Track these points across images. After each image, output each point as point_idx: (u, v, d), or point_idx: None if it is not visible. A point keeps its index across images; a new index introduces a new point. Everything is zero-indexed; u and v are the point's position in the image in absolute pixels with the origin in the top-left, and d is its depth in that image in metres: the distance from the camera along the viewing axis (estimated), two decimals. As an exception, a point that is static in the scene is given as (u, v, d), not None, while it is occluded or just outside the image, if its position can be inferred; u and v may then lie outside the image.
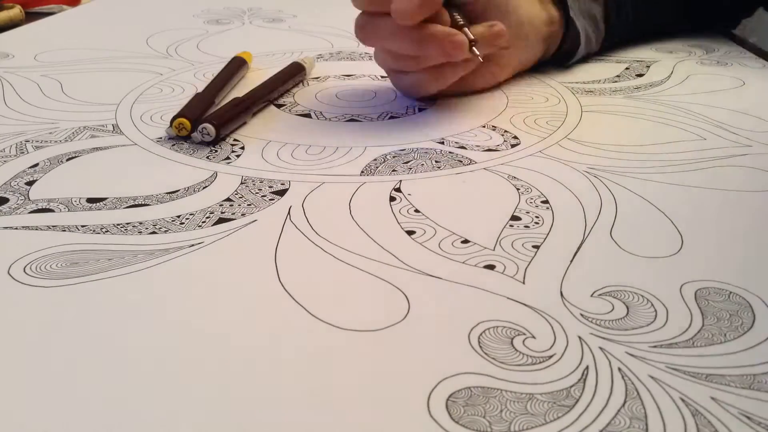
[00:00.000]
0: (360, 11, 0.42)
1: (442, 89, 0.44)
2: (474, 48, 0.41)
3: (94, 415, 0.20)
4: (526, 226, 0.30)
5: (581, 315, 0.24)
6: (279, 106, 0.46)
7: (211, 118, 0.39)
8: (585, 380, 0.21)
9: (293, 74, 0.50)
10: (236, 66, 0.51)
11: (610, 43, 0.57)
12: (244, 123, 0.42)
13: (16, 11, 0.69)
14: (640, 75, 0.52)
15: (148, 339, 0.23)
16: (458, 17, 0.42)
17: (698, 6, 0.62)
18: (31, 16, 0.72)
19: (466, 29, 0.41)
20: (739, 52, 0.59)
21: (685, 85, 0.50)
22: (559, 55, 0.53)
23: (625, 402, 0.21)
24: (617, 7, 0.55)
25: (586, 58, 0.55)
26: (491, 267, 0.27)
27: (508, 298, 0.25)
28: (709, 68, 0.54)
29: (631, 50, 0.59)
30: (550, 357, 0.22)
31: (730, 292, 0.26)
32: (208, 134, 0.38)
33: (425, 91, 0.45)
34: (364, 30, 0.42)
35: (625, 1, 0.56)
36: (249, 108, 0.43)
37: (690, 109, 0.45)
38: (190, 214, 0.31)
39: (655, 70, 0.53)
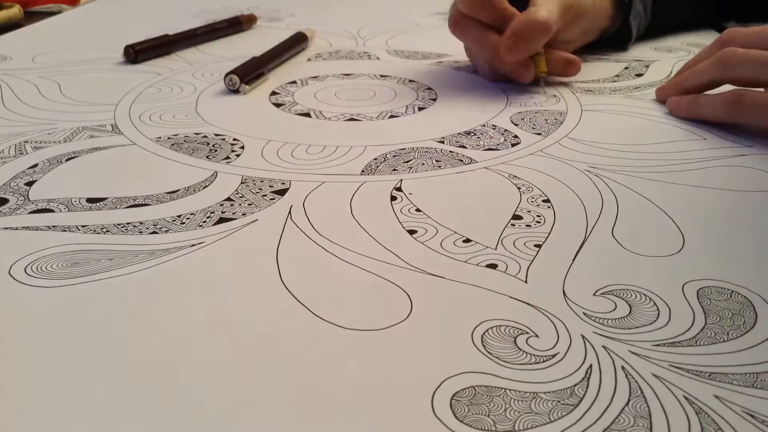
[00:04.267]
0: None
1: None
2: (543, 81, 0.49)
3: (96, 416, 0.20)
4: (528, 225, 0.30)
5: (584, 314, 0.24)
6: (278, 105, 0.46)
7: (234, 71, 0.49)
8: (589, 379, 0.21)
9: (299, 41, 0.60)
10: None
11: (654, 29, 0.62)
12: (262, 74, 0.51)
13: (15, 11, 0.69)
14: (640, 75, 0.52)
15: (149, 339, 0.23)
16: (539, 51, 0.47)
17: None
18: (30, 16, 0.72)
19: (541, 60, 0.47)
20: (738, 52, 0.59)
21: (684, 84, 0.50)
22: (611, 40, 0.58)
23: (629, 400, 0.20)
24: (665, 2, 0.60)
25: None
26: (493, 266, 0.27)
27: (510, 297, 0.25)
28: (708, 67, 0.54)
29: (630, 50, 0.59)
30: (554, 356, 0.22)
31: (732, 291, 0.26)
32: (233, 83, 0.48)
33: (482, 76, 0.52)
34: (457, 25, 0.48)
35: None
36: (264, 64, 0.52)
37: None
38: (191, 214, 0.31)
39: (654, 70, 0.53)
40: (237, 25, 0.66)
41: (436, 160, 0.37)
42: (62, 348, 0.22)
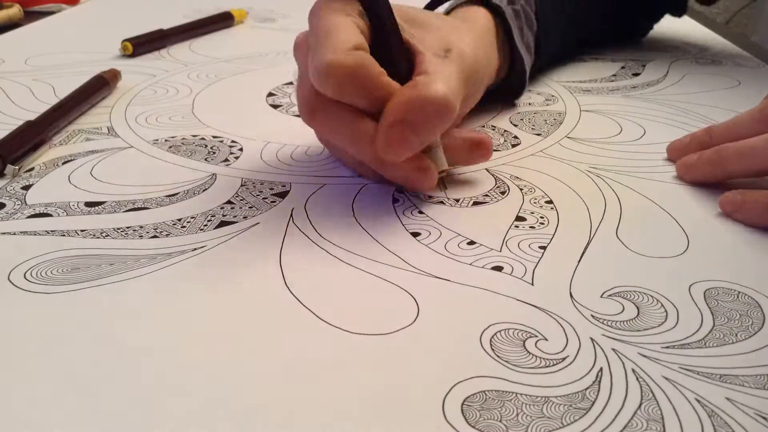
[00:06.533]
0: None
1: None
2: (443, 182, 0.33)
3: (97, 422, 0.19)
4: (532, 227, 0.30)
5: (592, 316, 0.24)
6: (275, 106, 0.45)
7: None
8: (600, 382, 0.21)
9: (95, 90, 0.45)
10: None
11: (536, 70, 0.48)
12: (43, 144, 0.37)
13: (15, 10, 0.69)
14: (636, 74, 0.52)
15: (152, 346, 0.23)
16: (435, 141, 0.32)
17: (622, 18, 0.59)
18: (30, 16, 0.71)
19: (440, 154, 0.32)
20: (733, 51, 0.59)
21: (682, 84, 0.50)
22: (502, 93, 0.44)
23: (641, 404, 0.20)
24: (546, 35, 0.47)
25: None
26: (499, 268, 0.27)
27: (517, 299, 0.25)
28: (705, 67, 0.54)
29: (626, 49, 0.59)
30: (564, 359, 0.22)
31: (739, 292, 0.26)
32: None
33: (365, 177, 0.35)
34: (314, 115, 0.31)
35: (553, 29, 0.48)
36: (43, 131, 0.38)
37: (688, 109, 0.45)
38: (192, 218, 0.30)
39: (651, 69, 0.53)
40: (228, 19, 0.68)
41: (437, 162, 0.37)
42: (63, 355, 0.22)
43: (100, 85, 0.46)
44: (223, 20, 0.68)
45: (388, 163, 0.31)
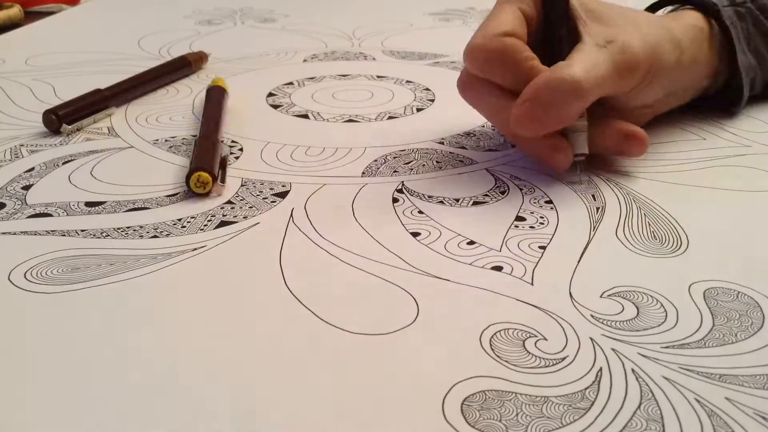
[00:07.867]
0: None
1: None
2: (579, 165, 0.34)
3: (97, 422, 0.19)
4: (531, 227, 0.30)
5: (591, 316, 0.24)
6: (276, 107, 0.45)
7: (58, 108, 0.40)
8: (599, 382, 0.21)
9: (173, 69, 0.50)
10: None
11: None
12: (104, 109, 0.43)
13: (15, 11, 0.69)
14: (636, 74, 0.52)
15: (152, 346, 0.23)
16: (578, 125, 0.33)
17: None
18: (30, 16, 0.71)
19: (582, 138, 0.33)
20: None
21: (682, 84, 0.50)
22: (716, 102, 0.43)
23: (640, 404, 0.20)
24: None
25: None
26: (498, 268, 0.27)
27: (517, 299, 0.25)
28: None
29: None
30: (563, 359, 0.22)
31: (738, 292, 0.26)
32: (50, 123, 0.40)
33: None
34: (466, 89, 0.36)
35: None
36: (107, 100, 0.43)
37: (688, 108, 0.45)
38: (192, 218, 0.30)
39: (651, 69, 0.53)
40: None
41: (437, 161, 0.37)
42: (63, 355, 0.22)
43: (180, 66, 0.50)
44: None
45: (523, 138, 0.33)
